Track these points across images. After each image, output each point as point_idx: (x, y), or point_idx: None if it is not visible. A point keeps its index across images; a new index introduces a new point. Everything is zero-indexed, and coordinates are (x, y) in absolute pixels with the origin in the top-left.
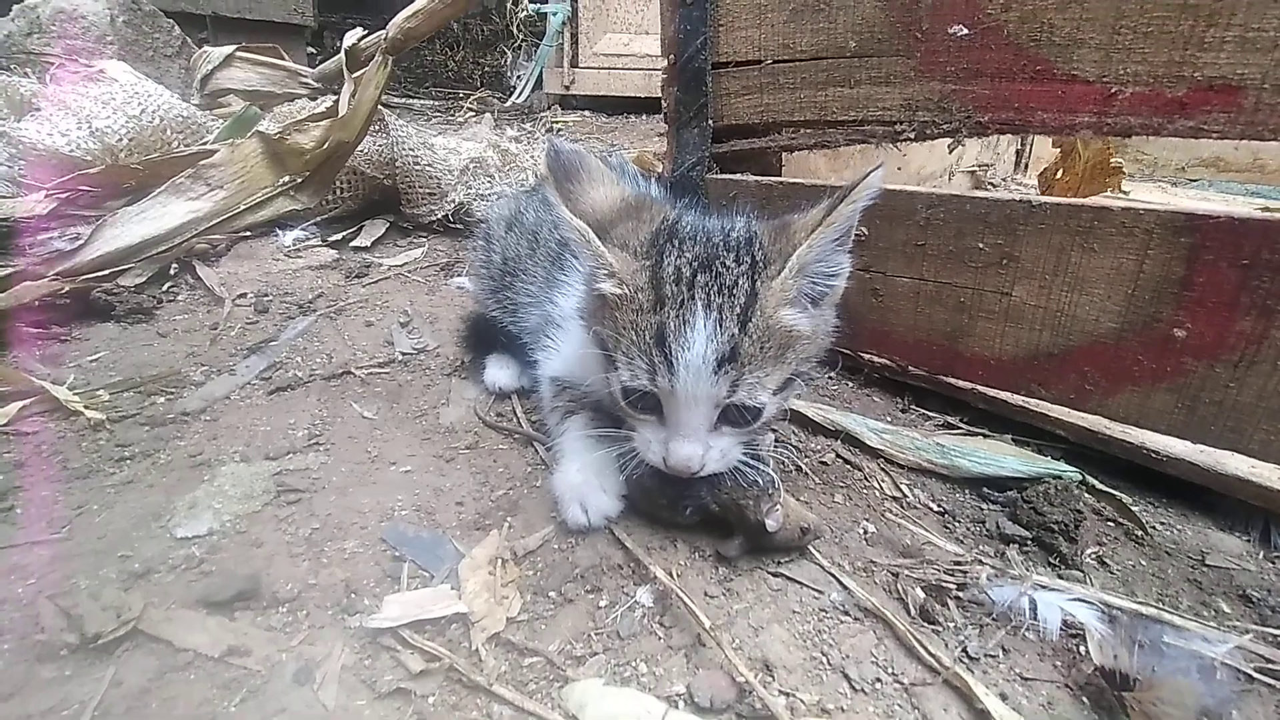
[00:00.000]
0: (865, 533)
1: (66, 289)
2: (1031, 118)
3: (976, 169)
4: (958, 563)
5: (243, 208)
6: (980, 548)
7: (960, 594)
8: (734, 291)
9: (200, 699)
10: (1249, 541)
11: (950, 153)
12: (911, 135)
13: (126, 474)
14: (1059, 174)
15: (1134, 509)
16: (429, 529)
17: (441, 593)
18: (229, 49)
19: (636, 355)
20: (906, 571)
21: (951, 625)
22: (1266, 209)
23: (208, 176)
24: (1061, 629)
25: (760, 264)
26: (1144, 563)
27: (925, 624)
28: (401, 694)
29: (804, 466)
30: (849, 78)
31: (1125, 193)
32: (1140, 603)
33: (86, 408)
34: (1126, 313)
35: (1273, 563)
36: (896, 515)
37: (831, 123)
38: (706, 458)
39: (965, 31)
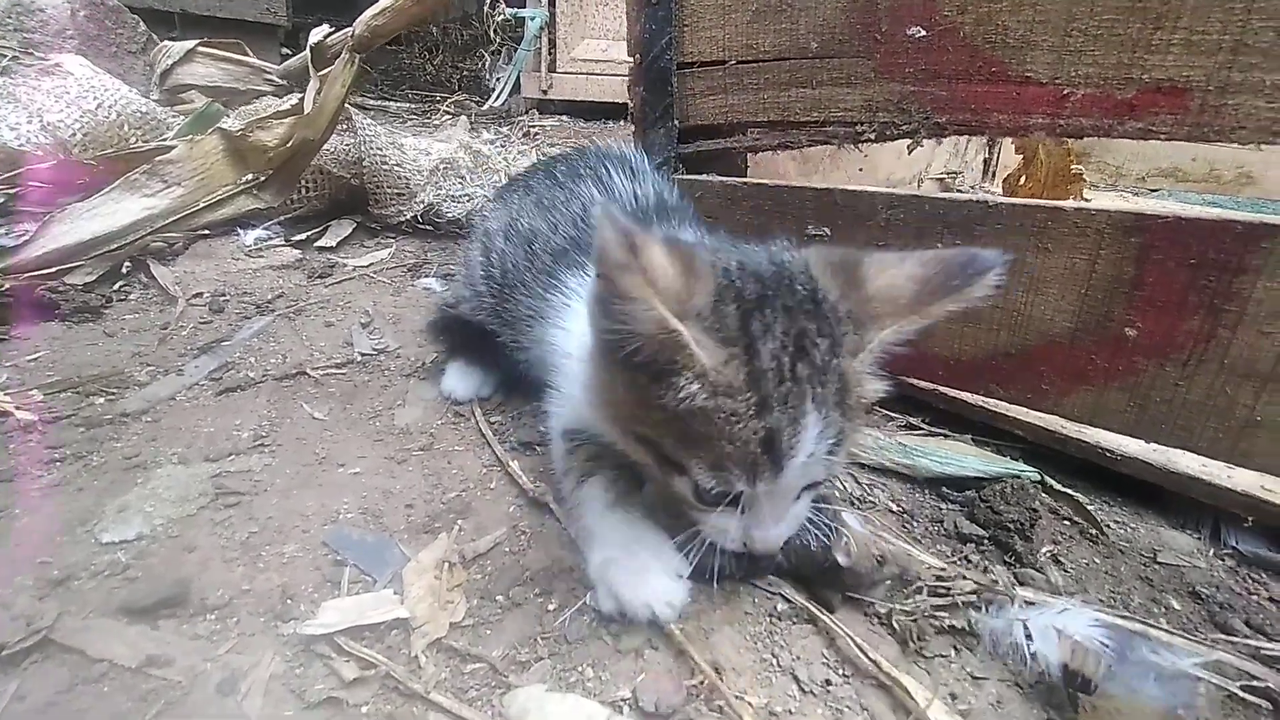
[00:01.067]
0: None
1: (8, 286)
2: (988, 119)
3: (945, 176)
4: (917, 561)
5: (201, 205)
6: (938, 547)
7: (917, 595)
8: (827, 375)
9: (112, 712)
10: (1200, 539)
11: (909, 153)
12: (872, 136)
13: (55, 477)
14: (1022, 180)
15: (1090, 508)
16: (375, 532)
17: (383, 598)
18: (190, 43)
19: (730, 463)
20: None
21: (900, 625)
22: None
23: (164, 173)
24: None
25: (839, 334)
26: (1097, 561)
27: (879, 624)
28: (332, 703)
29: None
30: (811, 78)
31: (1087, 200)
32: (1124, 616)
33: (17, 409)
34: (1080, 312)
35: (1222, 560)
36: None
37: (794, 123)
38: (791, 529)
39: (923, 33)
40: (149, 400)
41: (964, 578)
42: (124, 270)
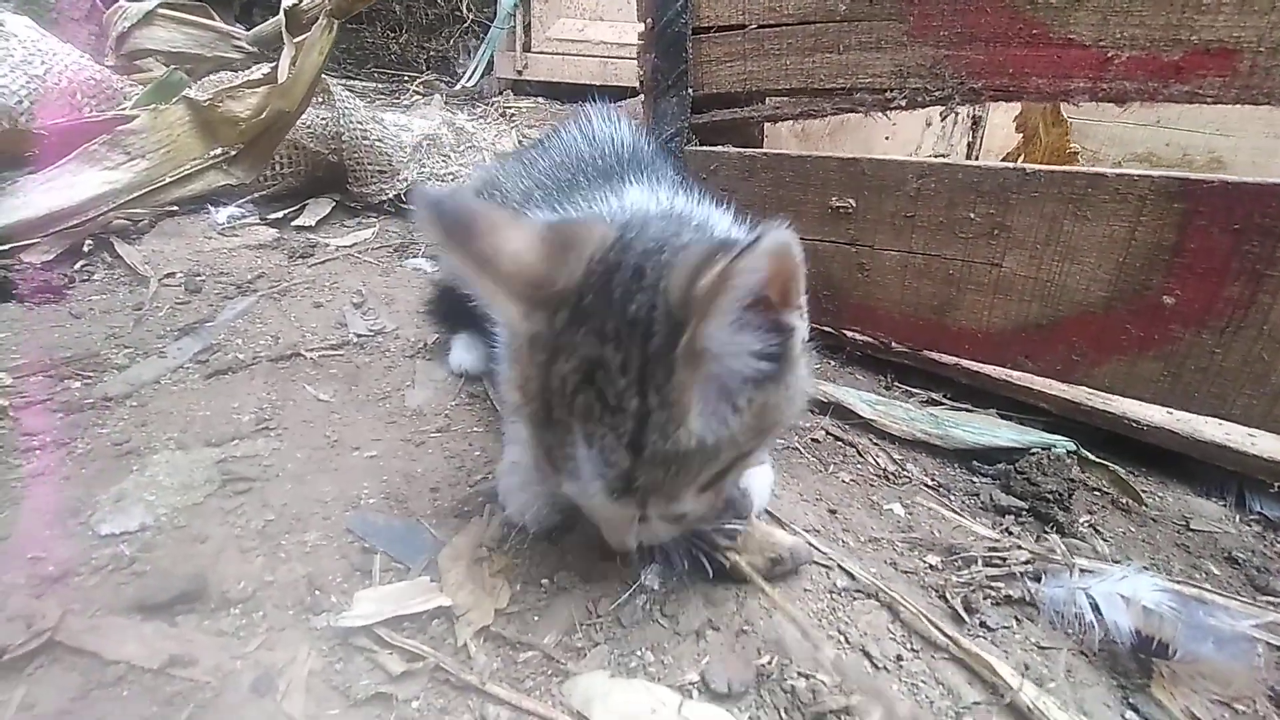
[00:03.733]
0: (866, 508)
1: None
2: (1026, 84)
3: (933, 158)
4: (968, 534)
5: (168, 180)
6: (979, 520)
7: (971, 565)
8: (620, 411)
9: (137, 718)
10: (1225, 506)
11: (932, 123)
12: (903, 103)
13: (36, 466)
14: (1021, 159)
15: (1125, 478)
16: (401, 518)
17: (420, 585)
18: (149, 4)
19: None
20: (909, 548)
21: (960, 597)
22: None
23: (127, 144)
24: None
25: (654, 360)
26: (1133, 529)
27: (937, 597)
28: (381, 699)
29: (797, 445)
30: (838, 43)
31: None
32: (1180, 582)
33: None
34: (1117, 281)
35: (1249, 525)
36: (895, 490)
37: (819, 91)
38: (650, 540)
39: None
40: (131, 383)
41: (1019, 547)
42: (85, 249)
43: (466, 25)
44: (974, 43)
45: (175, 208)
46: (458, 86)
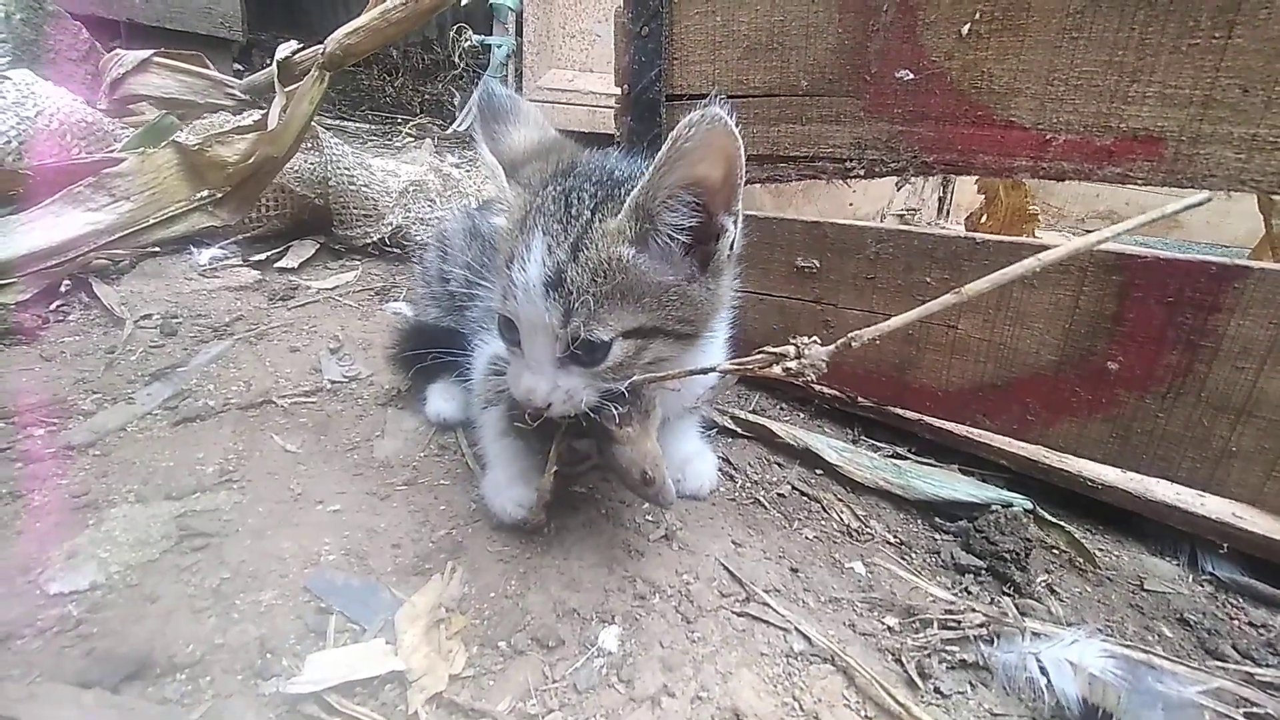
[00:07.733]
0: (828, 567)
1: None
2: (974, 160)
3: (905, 212)
4: (925, 595)
5: (152, 221)
6: (939, 579)
7: (928, 628)
8: (571, 222)
9: None
10: (1179, 565)
11: (898, 190)
12: (861, 172)
13: None
14: (983, 218)
15: (1081, 540)
16: (361, 575)
17: (375, 648)
18: (145, 53)
19: (500, 282)
20: (868, 609)
21: (915, 662)
22: None
23: (112, 186)
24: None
25: (608, 202)
26: (1089, 589)
27: (893, 661)
28: None
29: (762, 500)
30: (801, 115)
31: (1038, 238)
32: (1130, 646)
33: None
34: (1064, 346)
35: (1201, 585)
36: (857, 548)
37: (783, 158)
38: (552, 395)
39: (911, 76)
40: (96, 431)
41: (973, 610)
42: (63, 289)
43: (460, 73)
44: (925, 121)
45: (157, 248)
46: (450, 130)
